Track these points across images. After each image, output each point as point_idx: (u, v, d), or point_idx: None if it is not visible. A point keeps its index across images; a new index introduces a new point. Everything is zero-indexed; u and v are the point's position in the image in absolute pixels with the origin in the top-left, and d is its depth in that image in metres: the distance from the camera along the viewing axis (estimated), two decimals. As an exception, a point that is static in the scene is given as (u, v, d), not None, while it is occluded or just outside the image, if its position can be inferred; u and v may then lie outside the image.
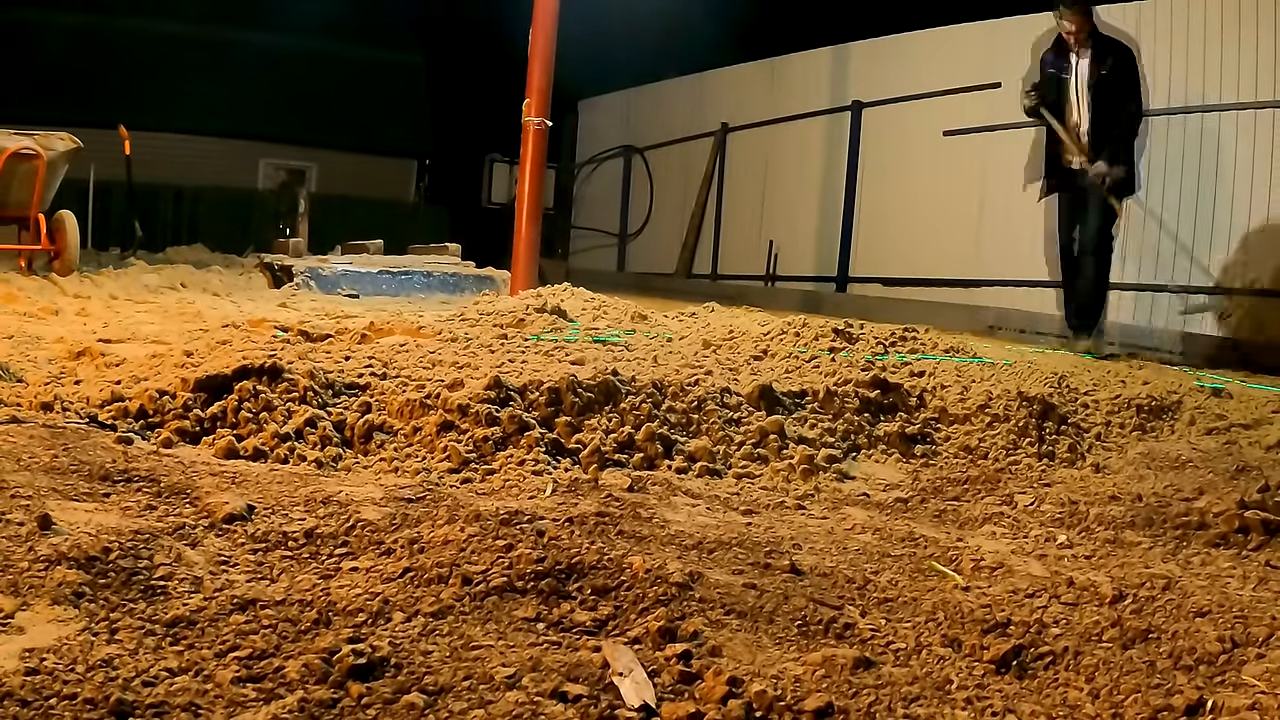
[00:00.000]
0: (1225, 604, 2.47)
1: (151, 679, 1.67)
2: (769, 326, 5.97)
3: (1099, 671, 2.04)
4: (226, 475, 2.92)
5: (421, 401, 3.59)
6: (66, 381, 4.03)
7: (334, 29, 17.81)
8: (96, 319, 6.46)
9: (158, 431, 3.40)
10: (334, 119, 19.23)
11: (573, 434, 3.59)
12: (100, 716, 1.53)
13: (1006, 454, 4.11)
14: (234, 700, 1.64)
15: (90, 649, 1.75)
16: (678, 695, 1.80)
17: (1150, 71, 8.96)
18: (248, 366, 3.66)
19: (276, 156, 19.04)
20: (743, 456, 3.71)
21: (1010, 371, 5.32)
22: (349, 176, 19.34)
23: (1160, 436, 4.62)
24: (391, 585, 2.17)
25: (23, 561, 2.05)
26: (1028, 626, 2.24)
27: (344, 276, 10.25)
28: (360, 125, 19.69)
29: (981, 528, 3.20)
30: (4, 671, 1.62)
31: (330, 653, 1.80)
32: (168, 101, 17.17)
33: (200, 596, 2.02)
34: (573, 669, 1.84)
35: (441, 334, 5.40)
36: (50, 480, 2.61)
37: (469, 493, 2.97)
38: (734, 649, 2.02)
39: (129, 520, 2.41)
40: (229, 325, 5.77)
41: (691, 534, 2.70)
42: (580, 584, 2.23)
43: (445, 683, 1.76)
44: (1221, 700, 1.89)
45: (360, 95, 19.69)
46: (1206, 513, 3.30)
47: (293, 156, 18.94)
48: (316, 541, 2.41)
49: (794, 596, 2.31)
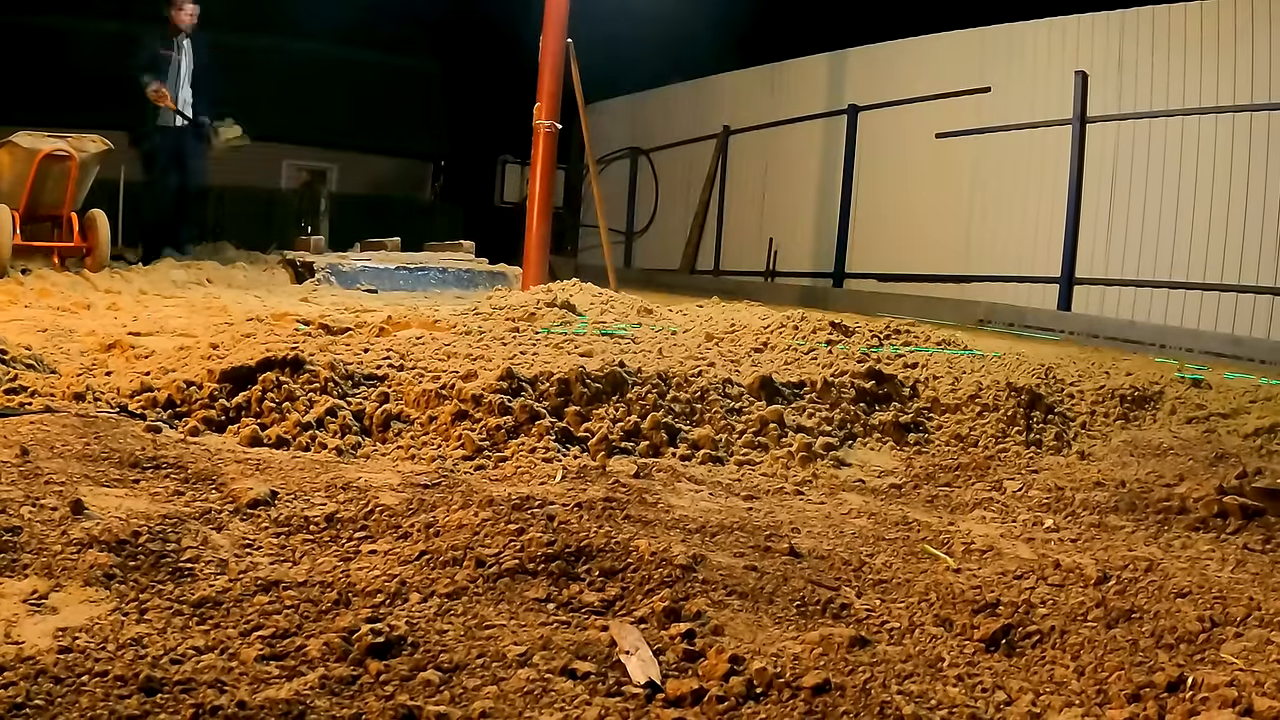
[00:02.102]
0: (1205, 585, 2.46)
1: (179, 657, 1.67)
2: (769, 320, 5.96)
3: (1084, 650, 2.04)
4: (250, 462, 2.92)
5: (437, 392, 3.59)
6: (98, 373, 4.03)
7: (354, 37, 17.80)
8: (126, 313, 6.45)
9: (185, 420, 3.40)
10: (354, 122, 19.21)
11: (581, 423, 3.58)
12: (130, 693, 1.53)
13: (996, 442, 4.10)
14: (258, 677, 1.64)
15: (120, 628, 1.75)
16: (682, 672, 1.80)
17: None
18: (271, 358, 3.65)
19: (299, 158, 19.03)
20: (744, 444, 3.71)
21: (999, 363, 5.31)
22: (368, 177, 19.32)
23: (1143, 425, 4.61)
24: (408, 567, 2.17)
25: (56, 544, 2.05)
26: (1016, 607, 2.23)
27: (363, 272, 10.23)
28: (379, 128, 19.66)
29: (972, 512, 3.20)
30: (38, 650, 1.62)
31: (350, 632, 1.80)
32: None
33: (225, 578, 2.02)
34: (581, 647, 1.84)
35: (456, 327, 5.40)
36: (82, 467, 2.61)
37: (482, 479, 2.96)
38: (736, 628, 2.01)
39: (158, 505, 2.41)
40: (253, 319, 5.76)
41: (695, 518, 2.70)
42: (589, 566, 2.23)
43: (459, 660, 1.76)
44: (1201, 677, 1.89)
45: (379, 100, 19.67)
46: (1187, 498, 3.29)
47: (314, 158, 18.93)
48: (337, 526, 2.41)
49: (793, 578, 2.30)
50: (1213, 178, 8.92)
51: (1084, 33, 10.01)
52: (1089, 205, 9.85)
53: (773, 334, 5.59)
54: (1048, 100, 10.17)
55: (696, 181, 15.11)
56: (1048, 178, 10.17)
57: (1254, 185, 8.61)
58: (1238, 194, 8.72)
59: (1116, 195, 9.65)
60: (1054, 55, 10.22)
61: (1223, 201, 8.83)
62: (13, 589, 1.86)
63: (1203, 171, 8.99)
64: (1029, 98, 10.42)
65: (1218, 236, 8.86)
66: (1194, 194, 9.04)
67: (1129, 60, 9.59)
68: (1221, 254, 8.83)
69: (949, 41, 11.36)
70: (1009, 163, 10.63)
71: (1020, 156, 10.51)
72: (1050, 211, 10.11)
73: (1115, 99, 9.65)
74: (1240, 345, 8.10)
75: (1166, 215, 9.24)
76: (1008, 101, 10.62)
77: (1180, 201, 9.15)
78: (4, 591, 1.85)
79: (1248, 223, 8.64)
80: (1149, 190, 9.38)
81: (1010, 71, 10.64)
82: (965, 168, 11.05)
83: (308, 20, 15.92)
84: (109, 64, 16.52)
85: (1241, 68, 8.71)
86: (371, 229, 13.19)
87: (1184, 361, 7.14)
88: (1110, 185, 9.70)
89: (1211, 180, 8.92)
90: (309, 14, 15.67)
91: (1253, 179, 8.63)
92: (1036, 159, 10.33)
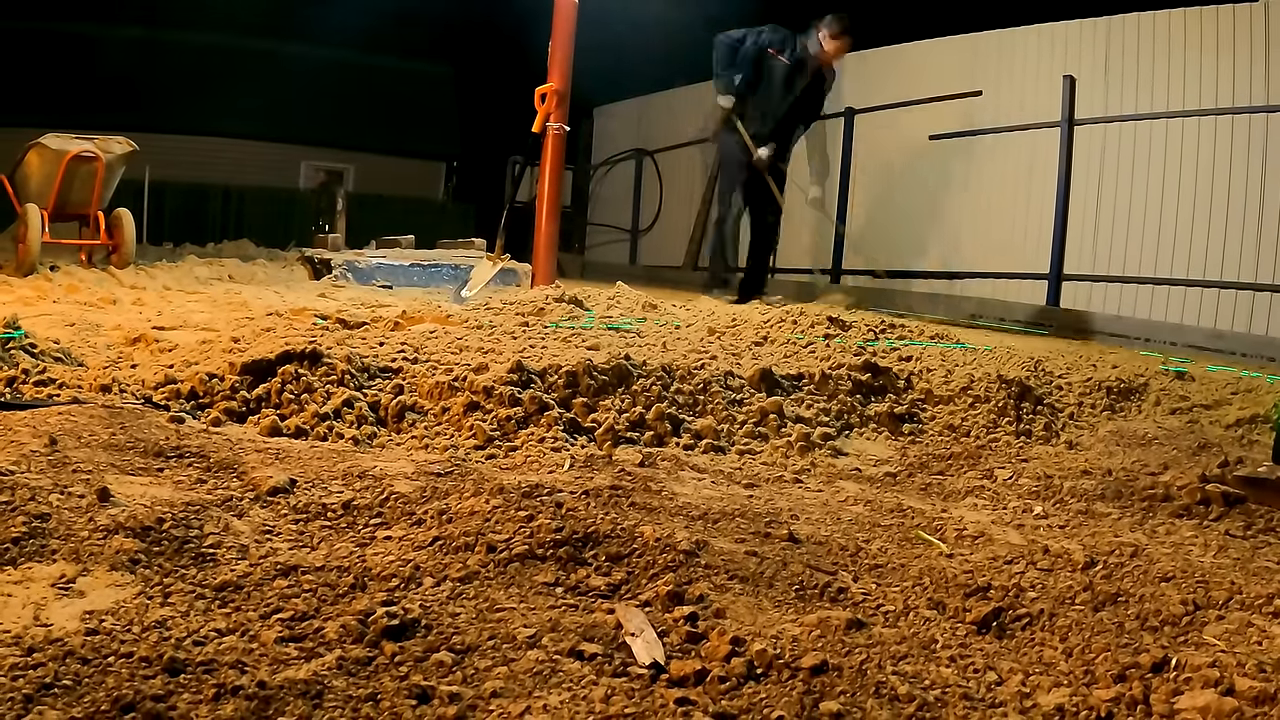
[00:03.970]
0: (1188, 570, 2.46)
1: (201, 639, 1.67)
2: (769, 315, 5.96)
3: (1072, 632, 2.04)
4: (270, 452, 2.92)
5: (450, 384, 3.59)
6: (123, 365, 4.03)
7: (370, 42, 17.80)
8: (151, 308, 6.46)
9: (207, 411, 3.40)
10: (370, 125, 19.21)
11: (589, 414, 3.58)
12: (155, 673, 1.53)
13: (987, 432, 4.10)
14: (277, 658, 1.64)
15: (145, 611, 1.75)
16: (685, 654, 1.80)
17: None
18: (290, 351, 3.65)
19: (317, 159, 19.04)
20: (745, 434, 3.70)
21: (990, 356, 5.31)
22: (383, 177, 19.32)
23: (1128, 416, 4.61)
24: (422, 553, 2.16)
25: (83, 531, 2.05)
26: (1007, 590, 2.23)
27: (378, 269, 10.23)
28: (394, 130, 19.67)
29: (964, 500, 3.19)
30: (66, 632, 1.63)
31: (366, 615, 1.79)
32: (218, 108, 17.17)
33: (246, 563, 2.02)
34: (589, 629, 1.84)
35: (468, 322, 5.39)
36: (109, 456, 2.61)
37: (493, 468, 2.96)
38: (737, 611, 2.01)
39: (181, 493, 2.41)
40: (273, 314, 5.76)
41: (698, 505, 2.70)
42: (595, 551, 2.23)
43: (471, 642, 1.76)
44: (1184, 658, 1.88)
45: (394, 103, 19.68)
46: (1171, 486, 3.29)
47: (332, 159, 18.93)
48: (353, 512, 2.41)
49: (792, 563, 2.30)
50: (1195, 178, 8.90)
51: (1072, 39, 9.98)
52: (1077, 205, 9.83)
53: (772, 328, 5.59)
54: (1037, 103, 10.14)
55: (699, 181, 15.07)
56: (1037, 178, 10.14)
57: (1235, 185, 8.58)
58: (1220, 194, 8.70)
59: (1103, 195, 9.63)
60: (1043, 60, 10.19)
61: (1205, 201, 8.81)
62: (42, 573, 1.86)
63: (1186, 172, 8.96)
64: (1019, 101, 10.39)
65: (1200, 235, 8.84)
66: (1178, 194, 9.02)
67: (1115, 65, 9.57)
68: (1204, 251, 8.81)
69: (943, 47, 11.33)
70: (1000, 163, 10.60)
71: (1011, 157, 10.48)
72: (1039, 211, 10.08)
73: (1102, 102, 9.63)
74: (1222, 339, 8.08)
75: (1151, 214, 9.22)
76: (999, 104, 10.59)
77: (1165, 201, 9.12)
78: (34, 576, 1.85)
79: (1229, 221, 8.62)
80: (1135, 190, 9.36)
81: (1001, 76, 10.61)
82: (958, 168, 11.02)
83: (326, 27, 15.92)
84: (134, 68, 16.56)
85: (1223, 73, 8.69)
86: (386, 227, 13.19)
87: (1168, 355, 7.12)
88: (1097, 185, 9.68)
89: (1194, 181, 8.90)
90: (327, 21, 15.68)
91: (1234, 179, 8.60)
92: (1026, 160, 10.30)
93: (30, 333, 3.95)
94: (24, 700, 1.42)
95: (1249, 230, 8.51)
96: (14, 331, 3.85)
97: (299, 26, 16.61)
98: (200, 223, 15.82)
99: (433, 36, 19.73)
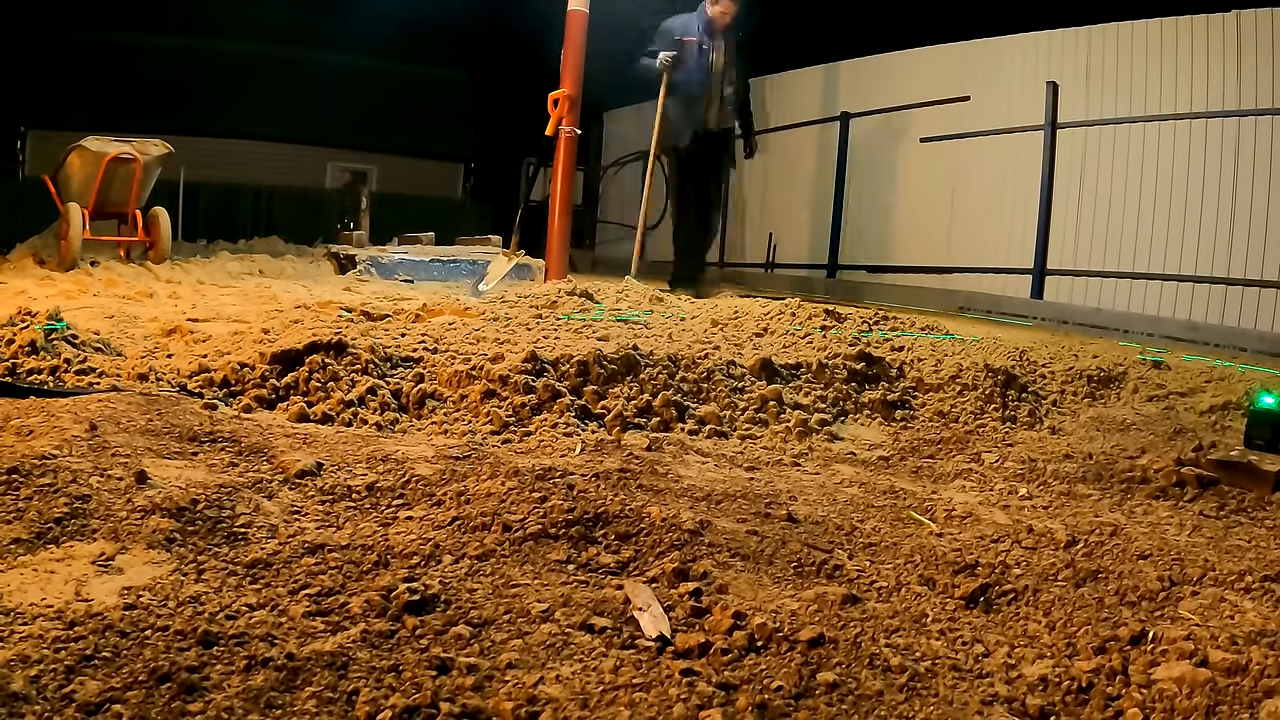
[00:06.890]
0: (1164, 548, 2.45)
1: (233, 613, 1.67)
2: (769, 308, 5.94)
3: (1055, 606, 2.03)
4: (298, 437, 2.92)
5: (468, 373, 3.58)
6: (160, 355, 4.03)
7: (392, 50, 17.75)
8: (186, 301, 6.46)
9: (239, 398, 3.40)
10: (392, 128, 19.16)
11: (599, 401, 3.58)
12: (189, 645, 1.53)
13: (975, 418, 4.09)
14: (305, 631, 1.64)
15: (180, 587, 1.75)
16: (690, 627, 1.80)
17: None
18: (317, 342, 3.65)
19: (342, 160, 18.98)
20: (746, 420, 3.70)
21: (978, 346, 5.29)
22: (405, 177, 19.27)
23: (1108, 403, 4.59)
24: (441, 532, 2.16)
25: (122, 511, 2.05)
26: (993, 568, 2.23)
27: (400, 264, 10.22)
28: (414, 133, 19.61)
29: (953, 482, 3.19)
30: (105, 607, 1.63)
31: (388, 590, 1.79)
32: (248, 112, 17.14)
33: (275, 541, 2.02)
34: (599, 604, 1.84)
35: (485, 314, 5.39)
36: (146, 441, 2.62)
37: (509, 452, 2.96)
38: (738, 587, 2.01)
39: (214, 475, 2.41)
40: (300, 307, 5.77)
41: (701, 487, 2.69)
42: (605, 531, 2.22)
43: (488, 616, 1.76)
44: (1161, 632, 1.88)
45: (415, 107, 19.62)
46: (1148, 469, 3.28)
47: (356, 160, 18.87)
48: (376, 494, 2.41)
49: (790, 542, 2.30)
50: (1171, 179, 8.88)
51: (1055, 47, 9.95)
52: (1059, 203, 9.81)
53: (772, 320, 5.58)
54: (1022, 108, 10.11)
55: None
56: (1022, 178, 10.11)
57: (1209, 185, 8.56)
58: (1194, 194, 8.68)
59: (1084, 194, 9.61)
60: (1028, 67, 10.16)
61: (1180, 200, 8.79)
62: (83, 551, 1.86)
63: (1163, 173, 8.94)
64: (1005, 106, 10.36)
65: (1176, 231, 8.82)
66: (1154, 193, 9.00)
67: (1096, 72, 9.54)
68: (1180, 248, 8.79)
69: (933, 55, 11.30)
70: (987, 165, 10.57)
71: (997, 159, 10.45)
72: (1024, 209, 10.05)
73: (1083, 107, 9.60)
74: (1196, 330, 8.07)
75: (1129, 213, 9.20)
76: (986, 109, 10.55)
77: (1142, 200, 9.10)
78: (75, 554, 1.85)
79: (1204, 219, 8.60)
80: (1114, 190, 9.34)
81: (988, 82, 10.57)
82: (947, 169, 10.99)
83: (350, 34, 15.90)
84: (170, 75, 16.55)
85: (1198, 79, 8.66)
86: (408, 225, 13.17)
87: (1145, 345, 7.09)
88: (1079, 185, 9.66)
89: (1170, 181, 8.88)
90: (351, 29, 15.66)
91: (1208, 180, 8.58)
92: (1011, 161, 10.28)
93: (72, 324, 3.96)
94: (66, 671, 1.43)
95: (1222, 227, 8.49)
96: (57, 323, 3.85)
97: (325, 35, 16.55)
98: (232, 221, 15.80)
99: (451, 44, 19.66)
